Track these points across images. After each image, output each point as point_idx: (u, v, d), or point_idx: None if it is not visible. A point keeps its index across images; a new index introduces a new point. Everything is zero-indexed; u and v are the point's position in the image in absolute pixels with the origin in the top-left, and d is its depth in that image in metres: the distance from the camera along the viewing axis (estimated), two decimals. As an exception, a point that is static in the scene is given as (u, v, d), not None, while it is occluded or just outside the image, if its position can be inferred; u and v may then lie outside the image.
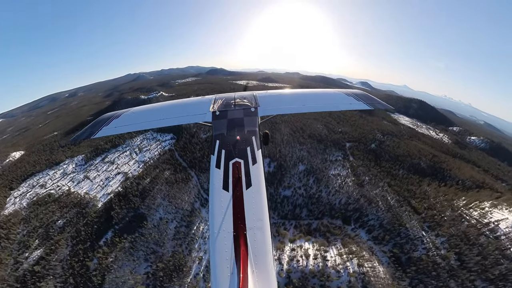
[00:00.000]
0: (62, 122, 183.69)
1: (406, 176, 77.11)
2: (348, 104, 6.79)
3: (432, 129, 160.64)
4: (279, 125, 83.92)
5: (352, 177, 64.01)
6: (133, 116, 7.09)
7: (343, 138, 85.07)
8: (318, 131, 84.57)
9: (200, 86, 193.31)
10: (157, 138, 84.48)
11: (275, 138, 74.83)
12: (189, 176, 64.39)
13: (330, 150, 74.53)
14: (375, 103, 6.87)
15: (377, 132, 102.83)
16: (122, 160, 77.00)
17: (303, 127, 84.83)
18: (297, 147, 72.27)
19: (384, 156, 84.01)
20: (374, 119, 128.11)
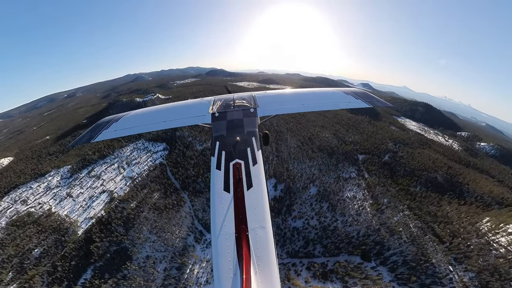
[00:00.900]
0: (55, 125, 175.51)
1: (425, 193, 70.28)
2: (347, 102, 6.70)
3: (441, 135, 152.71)
4: (284, 135, 75.07)
5: (370, 200, 55.43)
6: (133, 119, 7.00)
7: (355, 149, 76.39)
8: (328, 141, 75.78)
9: (199, 87, 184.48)
10: (148, 148, 75.60)
11: (281, 151, 66.16)
12: (181, 201, 55.04)
13: (342, 165, 65.81)
14: (374, 101, 6.72)
15: (388, 141, 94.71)
16: (109, 175, 68.32)
17: (311, 137, 75.97)
18: (307, 163, 63.44)
19: (399, 170, 76.08)
20: (382, 125, 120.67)
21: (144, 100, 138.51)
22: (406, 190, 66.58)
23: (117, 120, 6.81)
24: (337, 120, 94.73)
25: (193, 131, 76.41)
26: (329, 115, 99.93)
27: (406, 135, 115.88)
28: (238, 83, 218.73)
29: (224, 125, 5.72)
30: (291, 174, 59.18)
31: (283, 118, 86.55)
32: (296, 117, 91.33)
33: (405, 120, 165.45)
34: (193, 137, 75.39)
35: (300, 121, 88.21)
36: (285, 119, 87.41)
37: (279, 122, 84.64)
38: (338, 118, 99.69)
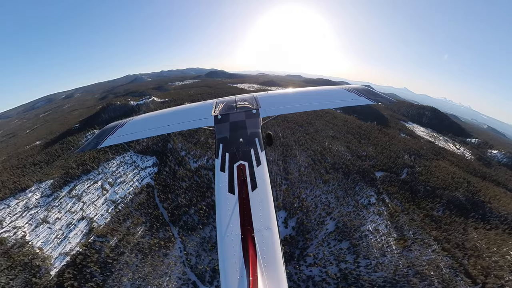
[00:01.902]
0: (48, 129, 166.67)
1: (449, 218, 62.36)
2: (350, 100, 6.54)
3: (451, 142, 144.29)
4: (293, 150, 65.58)
5: (394, 233, 46.45)
6: (137, 124, 7.06)
7: (371, 166, 67.32)
8: (341, 156, 66.43)
9: (197, 90, 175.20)
10: (136, 163, 66.23)
11: (290, 173, 56.51)
12: (170, 241, 44.86)
13: (360, 187, 56.69)
14: (377, 97, 6.59)
15: (403, 152, 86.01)
16: (91, 196, 59.26)
17: (322, 152, 66.49)
18: (321, 188, 53.87)
19: (419, 189, 67.72)
20: (392, 132, 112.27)
21: (138, 104, 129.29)
22: (430, 216, 58.20)
23: (122, 125, 6.82)
24: (348, 129, 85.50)
25: (187, 143, 67.10)
26: (338, 123, 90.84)
27: (418, 144, 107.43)
28: (238, 85, 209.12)
29: (227, 127, 5.63)
30: (304, 204, 49.43)
31: (289, 127, 77.44)
32: (303, 125, 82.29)
33: (413, 125, 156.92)
34: (187, 151, 65.70)
35: (308, 130, 78.89)
36: (291, 128, 78.19)
37: (285, 133, 75.26)
38: (348, 126, 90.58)
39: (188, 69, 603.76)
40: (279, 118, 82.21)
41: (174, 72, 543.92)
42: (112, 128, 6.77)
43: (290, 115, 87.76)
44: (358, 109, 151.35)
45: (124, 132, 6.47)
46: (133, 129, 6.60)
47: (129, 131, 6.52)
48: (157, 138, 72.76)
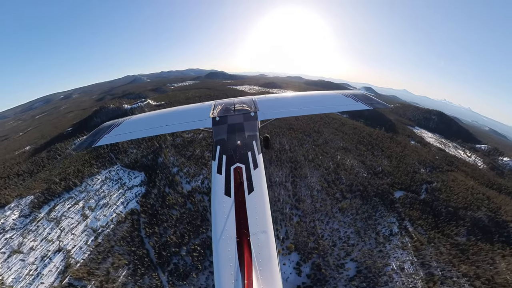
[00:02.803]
0: (40, 132, 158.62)
1: (474, 244, 54.75)
2: (346, 105, 6.60)
3: (461, 149, 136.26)
4: (303, 169, 56.67)
5: (421, 271, 38.65)
6: (134, 123, 6.91)
7: (388, 183, 59.14)
8: (357, 174, 57.55)
9: (196, 92, 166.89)
10: (122, 180, 57.66)
11: (301, 200, 47.52)
12: None
13: (380, 213, 48.34)
14: (374, 103, 6.64)
15: (417, 164, 78.17)
16: (70, 221, 50.99)
17: (336, 169, 57.60)
18: (337, 218, 45.21)
19: (441, 210, 59.83)
20: (402, 140, 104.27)
21: (132, 108, 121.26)
22: (456, 246, 50.44)
23: (118, 124, 6.66)
24: (358, 138, 77.30)
25: (179, 157, 58.55)
26: (347, 131, 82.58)
27: (430, 154, 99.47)
28: (238, 87, 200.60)
29: (224, 129, 5.55)
30: (320, 243, 40.13)
31: (296, 138, 68.88)
32: (311, 134, 73.85)
33: (420, 131, 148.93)
34: (180, 167, 56.97)
35: (316, 141, 70.33)
36: (298, 138, 69.53)
37: (293, 144, 66.44)
38: (358, 135, 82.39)
39: (188, 70, 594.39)
40: (284, 127, 74.13)
41: (174, 73, 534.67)
42: (108, 127, 6.58)
43: (296, 123, 79.79)
44: (365, 113, 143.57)
45: (120, 131, 6.28)
46: (130, 129, 6.40)
47: (126, 130, 6.33)
48: (147, 150, 64.72)
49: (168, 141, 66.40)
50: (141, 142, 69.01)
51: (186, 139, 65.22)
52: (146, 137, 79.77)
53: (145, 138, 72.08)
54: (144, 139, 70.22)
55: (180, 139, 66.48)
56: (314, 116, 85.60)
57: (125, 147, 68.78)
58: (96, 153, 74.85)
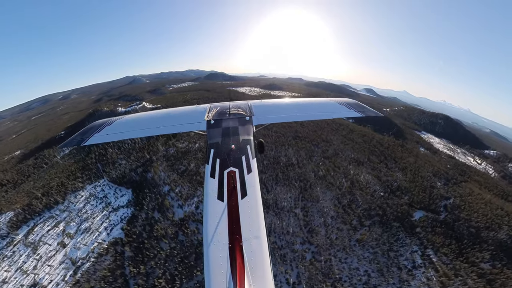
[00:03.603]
0: (34, 135, 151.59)
1: (500, 271, 48.19)
2: (340, 112, 6.70)
3: (470, 155, 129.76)
4: (313, 188, 48.46)
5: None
6: (126, 123, 6.74)
7: (407, 203, 52.15)
8: (373, 193, 49.98)
9: (194, 94, 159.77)
10: (108, 198, 50.22)
11: (315, 230, 40.08)
12: None
13: (401, 242, 41.30)
14: (366, 111, 6.80)
15: (432, 177, 71.39)
16: (48, 248, 43.72)
17: (350, 188, 49.07)
18: (357, 254, 37.61)
19: (463, 233, 53.07)
20: (412, 147, 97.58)
21: (126, 111, 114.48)
22: (483, 276, 43.69)
23: (110, 123, 6.48)
24: (369, 147, 70.22)
25: (171, 172, 51.01)
26: (357, 139, 75.47)
27: (441, 163, 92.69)
28: (239, 89, 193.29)
29: (219, 133, 5.48)
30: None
31: (303, 148, 61.21)
32: (319, 143, 66.44)
33: (427, 135, 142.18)
34: (171, 185, 49.33)
35: (326, 152, 62.71)
36: (306, 149, 61.69)
37: (300, 157, 58.19)
38: (369, 143, 75.40)
39: (188, 71, 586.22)
40: (289, 136, 67.04)
41: (174, 74, 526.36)
42: (100, 125, 6.37)
43: (302, 130, 72.79)
44: (371, 118, 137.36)
45: (112, 130, 6.07)
46: (122, 129, 6.23)
47: (117, 130, 6.14)
48: (136, 161, 57.64)
49: (160, 151, 59.09)
50: (131, 152, 62.04)
51: (180, 150, 57.91)
52: (137, 146, 72.97)
53: (135, 148, 65.06)
54: (134, 149, 63.34)
55: (173, 149, 59.19)
56: (320, 123, 78.62)
57: (114, 158, 61.74)
58: (83, 164, 67.75)
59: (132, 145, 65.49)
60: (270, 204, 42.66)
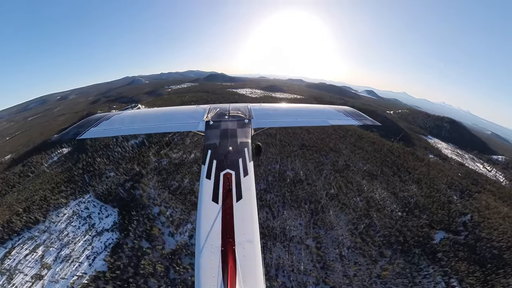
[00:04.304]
0: (26, 137, 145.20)
1: None
2: (338, 119, 6.72)
3: (478, 161, 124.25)
4: (326, 211, 41.23)
5: None
6: (124, 119, 6.57)
7: (426, 223, 46.32)
8: (391, 214, 43.73)
9: (193, 95, 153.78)
10: (92, 218, 43.67)
11: (330, 267, 33.86)
12: None
13: (423, 270, 35.70)
14: (363, 119, 6.90)
15: (447, 190, 65.77)
16: (23, 279, 37.73)
17: (367, 210, 42.66)
18: None
19: (485, 256, 47.66)
20: (421, 154, 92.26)
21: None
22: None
23: (108, 118, 6.33)
24: (381, 157, 64.33)
25: (162, 190, 44.11)
26: (366, 147, 69.47)
27: (452, 171, 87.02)
28: (239, 91, 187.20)
29: (217, 134, 5.39)
30: None
31: (311, 160, 54.74)
32: (328, 153, 60.29)
33: (434, 140, 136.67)
34: (162, 206, 42.63)
35: (336, 164, 55.69)
36: (314, 160, 54.93)
37: (308, 171, 51.07)
38: (379, 152, 69.52)
39: (188, 72, 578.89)
40: (295, 144, 60.98)
41: (174, 74, 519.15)
42: (96, 120, 6.20)
43: (308, 137, 66.87)
44: (377, 121, 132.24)
45: (109, 125, 5.94)
46: (119, 124, 6.06)
47: (114, 125, 5.99)
48: (125, 174, 51.44)
49: (151, 163, 52.78)
50: (120, 162, 56.03)
51: (173, 161, 51.72)
52: (127, 156, 66.26)
53: (125, 157, 59.02)
54: (124, 159, 57.30)
55: (166, 160, 53.04)
56: (327, 129, 72.79)
57: (101, 169, 55.67)
58: (68, 175, 61.62)
59: (122, 154, 59.52)
60: (277, 234, 36.10)
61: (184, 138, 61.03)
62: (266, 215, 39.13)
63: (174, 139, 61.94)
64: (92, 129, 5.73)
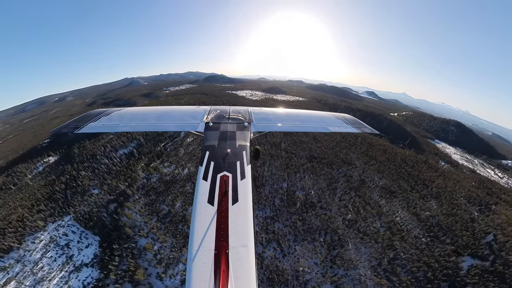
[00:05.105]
0: (18, 142, 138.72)
1: None
2: (337, 127, 6.72)
3: (489, 167, 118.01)
4: (345, 244, 33.94)
5: None
6: (124, 116, 6.29)
7: (452, 249, 39.93)
8: (415, 241, 37.73)
9: (191, 97, 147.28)
10: (71, 249, 36.69)
11: None
12: None
13: None
14: (362, 127, 6.83)
15: (467, 204, 59.58)
16: None
17: (390, 238, 36.23)
18: None
19: None
20: (432, 159, 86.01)
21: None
22: None
23: (107, 114, 6.20)
24: (395, 168, 57.99)
25: (150, 216, 36.99)
26: (379, 157, 62.92)
27: (466, 181, 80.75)
28: (238, 93, 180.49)
29: (216, 136, 5.32)
30: None
31: (322, 174, 47.73)
32: (340, 166, 53.67)
33: (442, 144, 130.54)
34: (149, 238, 35.24)
35: (350, 179, 49.16)
36: (325, 175, 47.58)
37: (322, 192, 43.98)
38: (392, 161, 63.10)
39: (187, 73, 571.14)
40: (303, 156, 54.21)
41: (173, 76, 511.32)
42: (96, 115, 6.03)
43: (315, 146, 60.44)
44: (383, 125, 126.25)
45: (108, 121, 5.78)
46: (118, 121, 5.86)
47: (113, 121, 5.80)
48: (108, 196, 44.72)
49: (139, 180, 45.68)
50: (105, 177, 49.32)
51: (164, 177, 44.70)
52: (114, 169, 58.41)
53: (112, 171, 52.25)
54: (111, 173, 50.55)
55: (156, 176, 46.14)
56: (335, 136, 66.28)
57: (85, 185, 48.98)
58: (50, 190, 54.89)
59: (109, 167, 52.83)
60: (290, 279, 28.96)
61: (177, 148, 54.43)
62: (274, 252, 31.90)
63: (167, 149, 55.30)
64: (91, 124, 5.47)
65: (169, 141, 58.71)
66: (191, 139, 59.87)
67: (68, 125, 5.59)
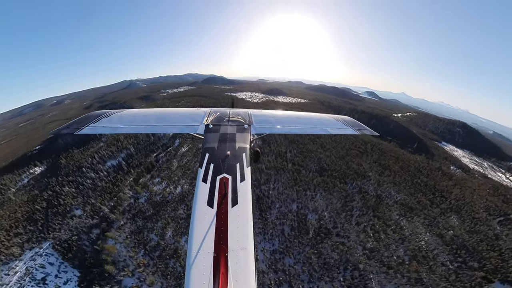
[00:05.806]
0: (11, 147, 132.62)
1: None
2: (337, 128, 6.67)
3: (499, 170, 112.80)
4: (367, 282, 29.96)
5: None
6: (124, 117, 6.26)
7: (483, 276, 34.54)
8: (441, 268, 32.55)
9: (188, 100, 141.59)
10: (47, 285, 32.09)
11: None
12: None
13: None
14: (362, 129, 6.75)
15: (488, 218, 54.26)
16: None
17: (418, 270, 30.67)
18: None
19: None
20: (442, 164, 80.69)
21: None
22: None
23: (108, 116, 6.20)
24: (411, 178, 52.54)
25: (136, 249, 30.75)
26: (392, 166, 57.19)
27: (481, 187, 75.20)
28: (238, 95, 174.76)
29: (216, 138, 5.28)
30: None
31: (335, 191, 41.73)
32: (354, 178, 48.00)
33: (449, 147, 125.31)
34: (135, 283, 29.38)
35: (366, 195, 43.56)
36: (339, 192, 41.82)
37: (337, 215, 36.96)
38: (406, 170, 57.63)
39: (186, 75, 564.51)
40: (312, 168, 48.09)
41: (172, 78, 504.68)
42: (96, 116, 6.03)
43: (324, 155, 54.83)
44: (390, 127, 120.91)
45: (108, 123, 5.76)
46: (118, 122, 5.86)
47: (114, 123, 5.78)
48: (91, 219, 38.93)
49: (125, 201, 39.47)
50: (90, 195, 43.68)
51: (153, 197, 38.67)
52: (100, 185, 46.96)
53: (97, 188, 46.57)
54: (96, 190, 44.91)
55: (145, 197, 40.05)
56: (343, 142, 60.77)
57: (67, 204, 43.40)
58: (31, 209, 49.19)
59: (94, 182, 47.16)
60: None
61: (170, 160, 48.83)
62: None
63: (159, 161, 49.71)
64: (91, 125, 5.46)
65: (162, 151, 52.97)
66: (186, 148, 54.15)
67: (68, 126, 5.50)
